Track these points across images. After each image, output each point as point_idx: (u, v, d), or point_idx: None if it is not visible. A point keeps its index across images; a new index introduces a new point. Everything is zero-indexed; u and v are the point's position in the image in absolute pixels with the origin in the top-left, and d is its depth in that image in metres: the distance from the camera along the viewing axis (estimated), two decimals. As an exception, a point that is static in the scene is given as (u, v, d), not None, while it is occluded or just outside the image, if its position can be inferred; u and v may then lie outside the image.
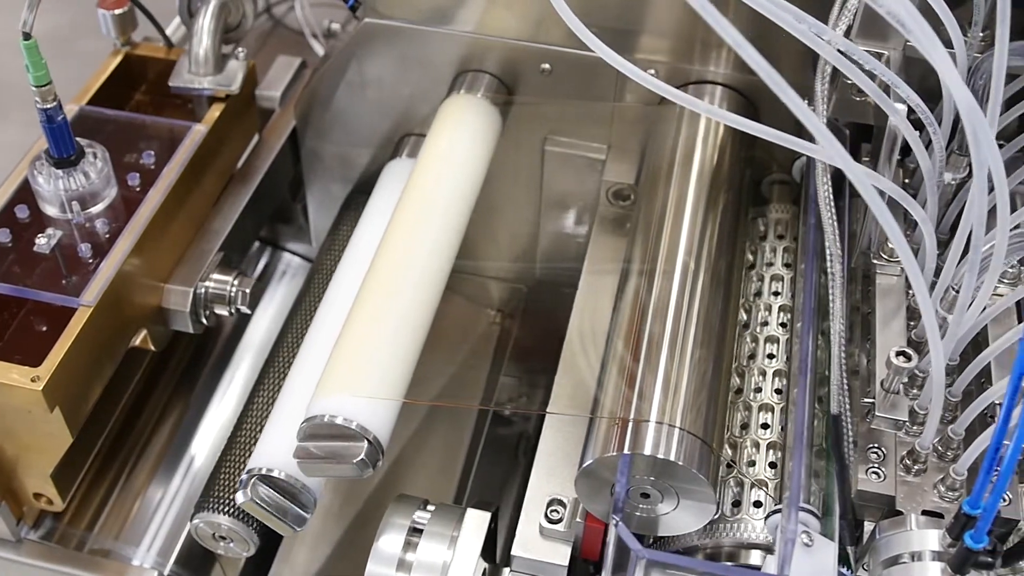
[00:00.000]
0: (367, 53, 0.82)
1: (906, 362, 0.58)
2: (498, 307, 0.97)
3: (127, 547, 0.84)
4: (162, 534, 0.85)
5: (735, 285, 0.70)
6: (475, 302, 0.97)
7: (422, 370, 0.92)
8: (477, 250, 0.95)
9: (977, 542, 0.51)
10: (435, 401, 0.87)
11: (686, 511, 0.61)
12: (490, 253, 0.95)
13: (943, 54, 0.48)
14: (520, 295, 0.97)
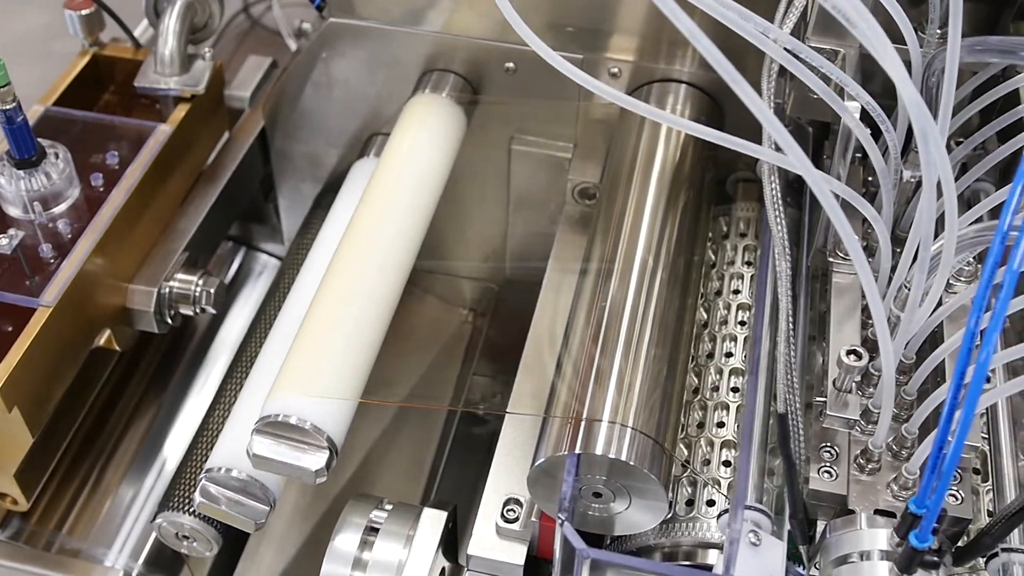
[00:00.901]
0: (332, 53, 0.83)
1: (857, 361, 0.58)
2: (470, 306, 0.97)
3: (97, 547, 0.84)
4: (132, 534, 0.85)
5: (693, 283, 0.70)
6: (447, 301, 0.97)
7: (391, 370, 0.92)
8: (448, 249, 0.95)
9: (922, 541, 0.51)
10: (392, 401, 0.87)
11: (639, 510, 0.61)
12: (461, 252, 0.95)
13: (889, 50, 0.47)
14: (492, 294, 0.97)
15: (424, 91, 0.81)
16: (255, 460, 0.62)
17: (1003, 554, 0.58)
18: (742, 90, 0.44)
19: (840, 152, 0.64)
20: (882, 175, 0.61)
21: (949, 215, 0.54)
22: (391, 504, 0.67)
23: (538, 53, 0.54)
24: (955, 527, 0.59)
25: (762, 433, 0.62)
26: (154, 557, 0.84)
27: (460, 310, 0.97)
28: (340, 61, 0.83)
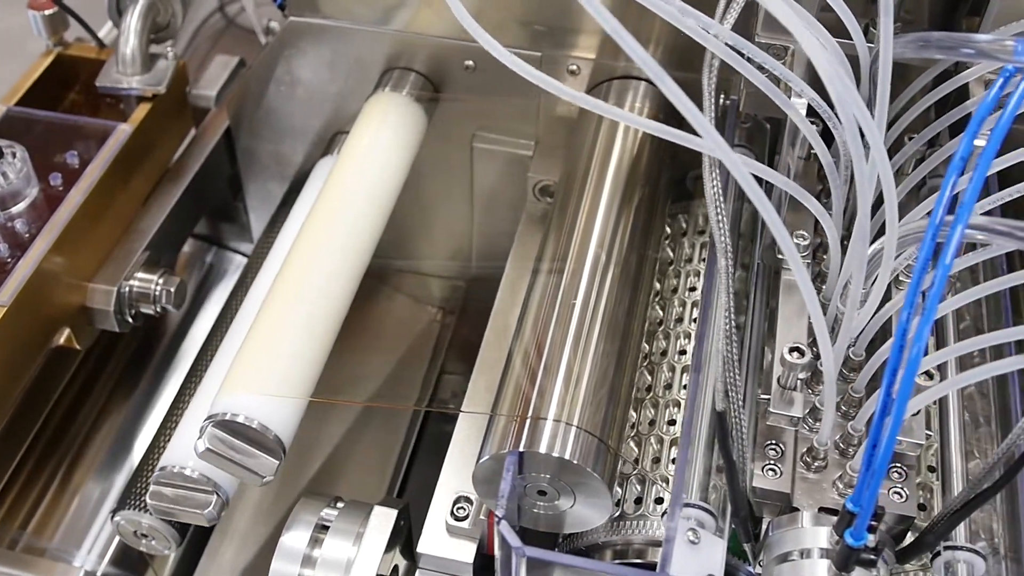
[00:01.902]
0: (294, 51, 0.83)
1: (800, 358, 0.58)
2: (439, 304, 0.97)
3: (63, 546, 0.84)
4: (101, 534, 0.86)
5: (646, 280, 0.70)
6: (416, 299, 0.97)
7: (359, 368, 0.93)
8: (415, 247, 0.95)
9: (857, 540, 0.50)
10: (344, 400, 0.87)
11: (585, 508, 0.61)
12: (428, 250, 0.95)
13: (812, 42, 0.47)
14: (460, 292, 0.97)
15: (384, 89, 0.81)
16: (203, 458, 0.62)
17: (947, 552, 0.58)
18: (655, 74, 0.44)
19: (787, 146, 0.63)
20: (830, 171, 0.60)
21: (889, 211, 0.54)
22: (343, 502, 0.67)
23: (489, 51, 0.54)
24: (900, 525, 0.59)
25: (710, 431, 0.62)
26: (120, 556, 0.84)
27: (429, 308, 0.97)
28: (302, 60, 0.83)
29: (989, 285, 0.54)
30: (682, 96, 0.44)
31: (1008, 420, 0.62)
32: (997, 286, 0.54)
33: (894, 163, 0.68)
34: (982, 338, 0.52)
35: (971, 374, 0.52)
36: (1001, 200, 0.59)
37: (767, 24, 0.66)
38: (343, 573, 0.64)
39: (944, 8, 0.71)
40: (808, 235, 0.65)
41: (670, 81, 0.44)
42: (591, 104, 0.49)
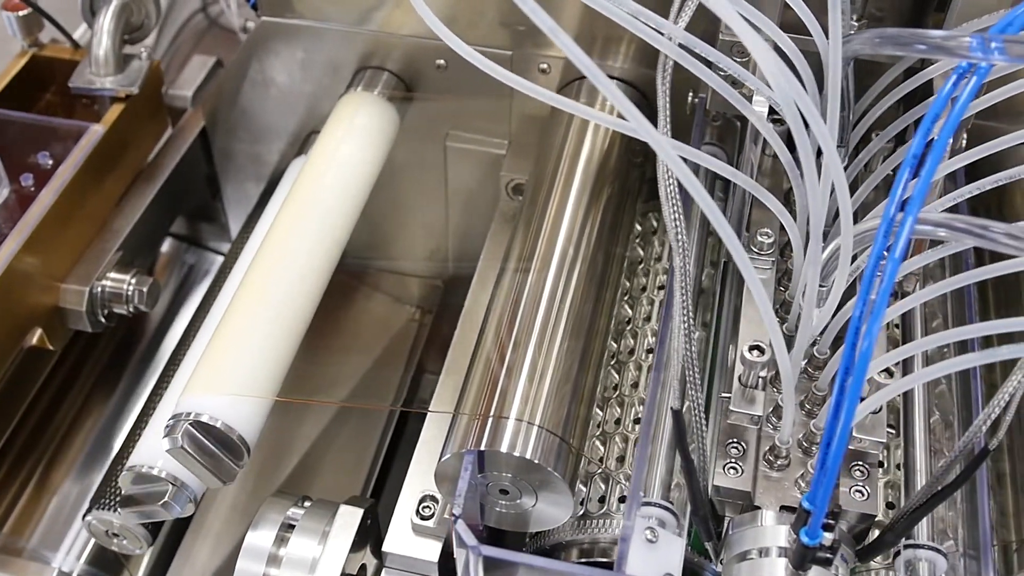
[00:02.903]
0: (266, 51, 0.83)
1: (760, 356, 0.58)
2: (418, 304, 0.97)
3: (40, 546, 0.84)
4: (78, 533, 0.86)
5: (612, 278, 0.70)
6: (395, 298, 0.97)
7: (336, 367, 0.93)
8: (393, 247, 0.95)
9: (812, 538, 0.50)
10: (311, 399, 0.87)
11: (547, 507, 0.61)
12: (405, 250, 0.95)
13: (756, 40, 0.47)
14: (438, 291, 0.97)
15: (356, 89, 0.81)
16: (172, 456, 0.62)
17: (908, 550, 0.57)
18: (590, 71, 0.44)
19: (750, 144, 0.63)
20: (790, 170, 0.60)
21: (843, 211, 0.54)
22: (310, 501, 0.67)
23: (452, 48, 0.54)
24: (863, 524, 0.59)
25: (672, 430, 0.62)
26: (96, 557, 0.84)
27: (408, 307, 0.97)
28: (275, 60, 0.83)
29: (949, 282, 0.54)
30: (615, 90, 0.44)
31: (970, 417, 0.62)
32: (957, 283, 0.53)
33: (860, 159, 0.68)
34: (937, 336, 0.51)
35: (926, 372, 0.52)
36: (962, 197, 0.58)
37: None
38: (308, 572, 0.64)
39: (913, 5, 0.71)
40: (773, 233, 0.65)
41: (604, 77, 0.45)
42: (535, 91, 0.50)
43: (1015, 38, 0.47)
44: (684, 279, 0.54)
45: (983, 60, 0.48)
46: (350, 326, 0.95)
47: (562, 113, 0.77)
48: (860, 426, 0.58)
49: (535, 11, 0.46)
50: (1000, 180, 0.57)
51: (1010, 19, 0.50)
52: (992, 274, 0.51)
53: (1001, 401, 0.52)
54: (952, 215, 0.50)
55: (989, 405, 0.52)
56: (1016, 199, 0.74)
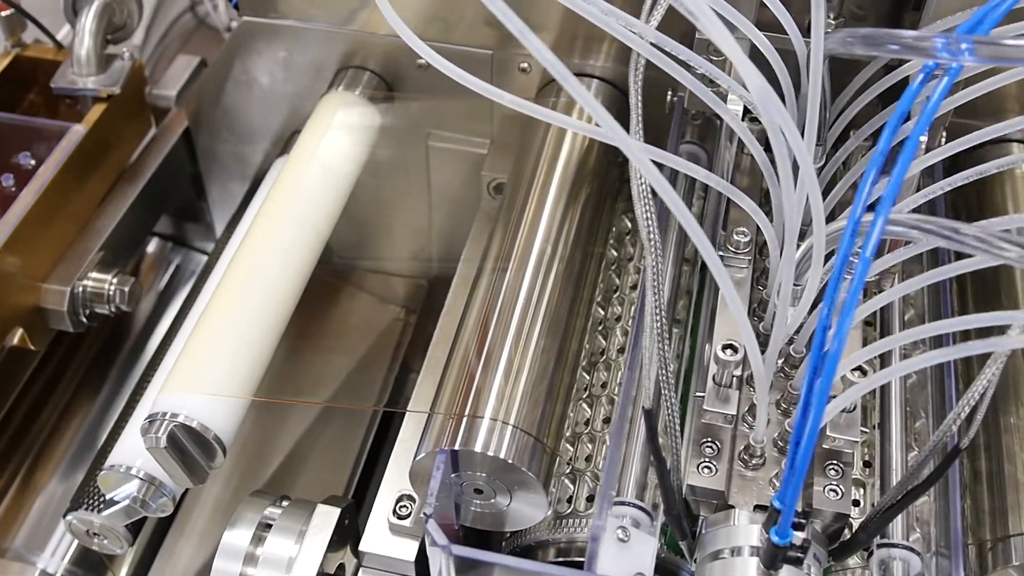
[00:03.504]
0: (248, 51, 0.83)
1: (733, 355, 0.58)
2: (403, 303, 0.97)
3: (25, 546, 0.85)
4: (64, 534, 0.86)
5: (590, 277, 0.70)
6: (380, 298, 0.97)
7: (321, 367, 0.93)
8: (377, 247, 0.95)
9: (782, 537, 0.50)
10: (292, 399, 0.87)
11: (521, 506, 0.61)
12: (389, 250, 0.95)
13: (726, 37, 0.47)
14: (423, 291, 0.97)
15: (337, 89, 0.81)
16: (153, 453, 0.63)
17: (881, 549, 0.57)
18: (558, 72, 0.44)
19: (724, 142, 0.63)
20: (765, 169, 0.60)
21: (815, 211, 0.54)
22: (288, 500, 0.67)
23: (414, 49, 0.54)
24: (838, 523, 0.58)
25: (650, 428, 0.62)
26: (80, 557, 0.85)
27: (392, 307, 0.97)
28: (257, 60, 0.83)
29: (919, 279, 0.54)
30: (583, 91, 0.44)
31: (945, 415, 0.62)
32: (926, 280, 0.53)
33: (837, 157, 0.67)
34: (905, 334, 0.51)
35: (890, 371, 0.52)
36: (933, 194, 0.58)
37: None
38: (285, 571, 0.64)
39: (893, 2, 0.71)
40: (749, 232, 0.65)
41: (572, 79, 0.44)
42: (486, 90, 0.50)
43: (984, 39, 0.47)
44: (656, 279, 0.54)
45: (952, 61, 0.48)
46: (335, 326, 0.95)
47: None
48: (834, 425, 0.58)
49: (504, 12, 0.46)
50: (969, 177, 0.57)
51: (979, 18, 0.49)
52: (959, 271, 0.51)
53: (972, 399, 0.52)
54: (921, 216, 0.50)
55: (959, 403, 0.52)
56: (996, 195, 0.74)
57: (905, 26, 0.69)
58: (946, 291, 0.65)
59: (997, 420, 0.63)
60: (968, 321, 0.49)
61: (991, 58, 0.45)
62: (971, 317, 0.48)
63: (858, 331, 0.63)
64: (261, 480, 0.85)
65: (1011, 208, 0.72)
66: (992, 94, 0.76)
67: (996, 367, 0.52)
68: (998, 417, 0.63)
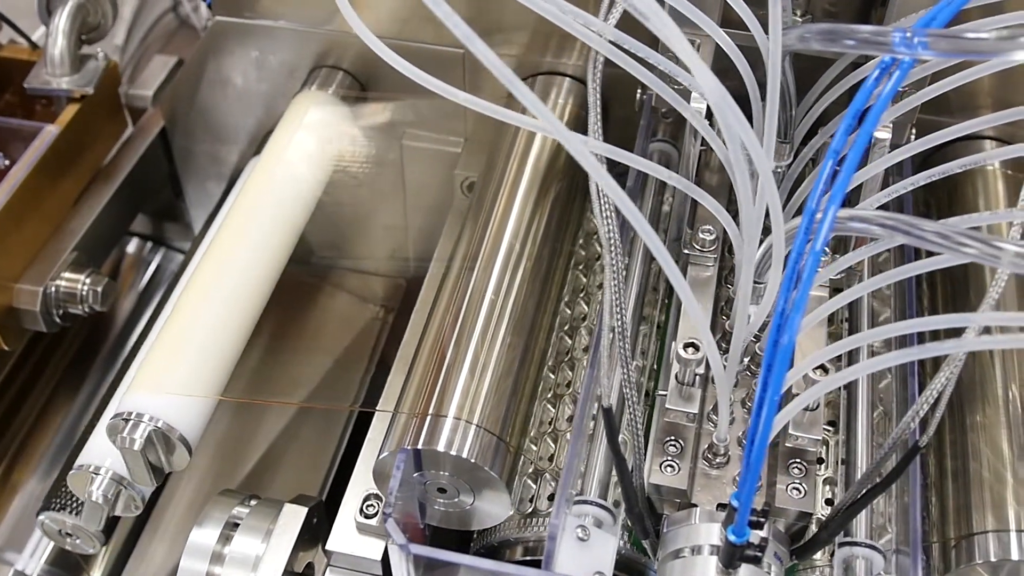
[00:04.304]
0: (221, 51, 0.83)
1: (694, 354, 0.58)
2: (382, 302, 0.97)
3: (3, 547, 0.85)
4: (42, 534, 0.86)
5: (559, 275, 0.70)
6: (359, 297, 0.97)
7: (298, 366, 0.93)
8: (355, 246, 0.95)
9: (739, 536, 0.50)
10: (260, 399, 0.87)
11: (485, 505, 0.61)
12: (367, 249, 0.95)
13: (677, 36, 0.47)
14: (402, 290, 0.96)
15: (310, 88, 0.81)
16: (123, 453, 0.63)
17: (844, 548, 0.57)
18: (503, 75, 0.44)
19: (689, 138, 0.63)
20: (726, 163, 0.60)
21: (773, 211, 0.53)
22: (256, 499, 0.67)
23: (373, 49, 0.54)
24: (801, 521, 0.58)
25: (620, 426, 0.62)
26: (57, 557, 0.85)
27: (371, 306, 0.97)
28: (230, 59, 0.83)
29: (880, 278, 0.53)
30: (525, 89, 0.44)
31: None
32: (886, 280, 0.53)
33: (804, 154, 0.67)
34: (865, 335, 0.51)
35: (852, 370, 0.52)
36: (898, 192, 0.58)
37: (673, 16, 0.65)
38: (251, 570, 0.64)
39: (864, 1, 0.71)
40: (715, 230, 0.65)
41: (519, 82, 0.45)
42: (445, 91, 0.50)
43: (940, 32, 0.47)
44: (615, 277, 0.53)
45: (907, 55, 0.48)
46: (314, 324, 0.95)
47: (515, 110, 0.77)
48: (796, 424, 0.58)
49: (448, 16, 0.46)
50: (932, 176, 0.56)
51: (934, 13, 0.49)
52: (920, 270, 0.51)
53: (929, 398, 0.52)
54: (882, 212, 0.50)
55: (917, 402, 0.52)
56: (967, 193, 0.73)
57: (873, 22, 0.69)
58: (911, 290, 0.65)
59: (964, 418, 0.62)
60: (926, 323, 0.48)
61: (947, 51, 0.45)
62: (929, 319, 0.48)
63: (823, 330, 0.63)
64: (236, 480, 0.85)
65: (982, 205, 0.72)
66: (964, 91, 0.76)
67: (952, 367, 0.52)
68: (965, 415, 0.63)
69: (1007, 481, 0.59)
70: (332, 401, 0.91)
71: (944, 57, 0.54)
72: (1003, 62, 0.57)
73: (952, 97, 0.77)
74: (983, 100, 0.77)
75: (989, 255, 0.44)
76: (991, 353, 0.64)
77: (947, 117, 0.70)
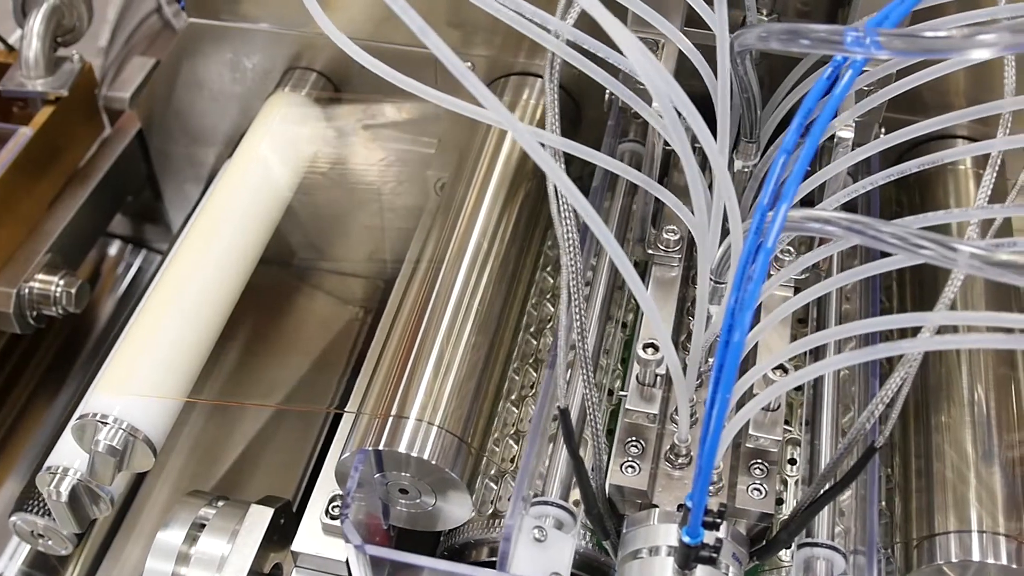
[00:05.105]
0: (195, 52, 0.83)
1: (654, 354, 0.57)
2: (361, 303, 0.97)
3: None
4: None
5: (524, 277, 0.70)
6: (338, 299, 0.97)
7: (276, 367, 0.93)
8: (333, 248, 0.95)
9: (693, 537, 0.50)
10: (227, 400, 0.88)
11: (447, 506, 0.60)
12: (345, 251, 0.95)
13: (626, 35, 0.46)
14: (380, 291, 0.97)
15: (283, 89, 0.81)
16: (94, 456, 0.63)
17: (804, 549, 0.57)
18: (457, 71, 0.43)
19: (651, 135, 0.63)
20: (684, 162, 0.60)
21: (730, 208, 0.53)
22: (224, 501, 0.68)
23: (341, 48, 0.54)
24: (763, 523, 0.58)
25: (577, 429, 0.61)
26: (34, 558, 0.85)
27: (350, 307, 0.97)
28: (205, 61, 0.83)
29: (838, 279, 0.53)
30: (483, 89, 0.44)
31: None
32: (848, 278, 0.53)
33: (768, 155, 0.67)
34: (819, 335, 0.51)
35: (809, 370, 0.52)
36: (857, 192, 0.58)
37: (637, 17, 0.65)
38: (216, 570, 0.64)
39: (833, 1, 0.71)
40: (680, 229, 0.65)
41: (470, 75, 0.44)
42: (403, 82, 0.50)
43: (893, 31, 0.47)
44: (574, 277, 0.53)
45: (860, 54, 0.47)
46: (293, 326, 0.95)
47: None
48: (757, 424, 0.58)
49: (404, 10, 0.46)
50: (891, 175, 0.56)
51: (887, 12, 0.49)
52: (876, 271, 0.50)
53: (884, 398, 0.51)
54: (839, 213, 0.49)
55: (871, 403, 0.52)
56: (938, 192, 0.73)
57: (840, 22, 0.69)
58: (876, 290, 0.65)
59: (929, 419, 0.62)
60: (880, 323, 0.48)
61: (901, 51, 0.45)
62: (883, 319, 0.47)
63: (786, 330, 0.62)
64: (212, 481, 0.85)
65: (952, 205, 0.72)
66: (938, 91, 0.77)
67: (908, 368, 0.52)
68: (930, 416, 0.62)
69: (970, 482, 0.58)
70: (311, 403, 0.91)
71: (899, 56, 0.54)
72: (960, 61, 0.57)
73: (927, 98, 0.77)
74: (957, 100, 0.77)
75: (945, 257, 0.43)
76: (957, 354, 0.64)
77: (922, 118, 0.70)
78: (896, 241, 0.46)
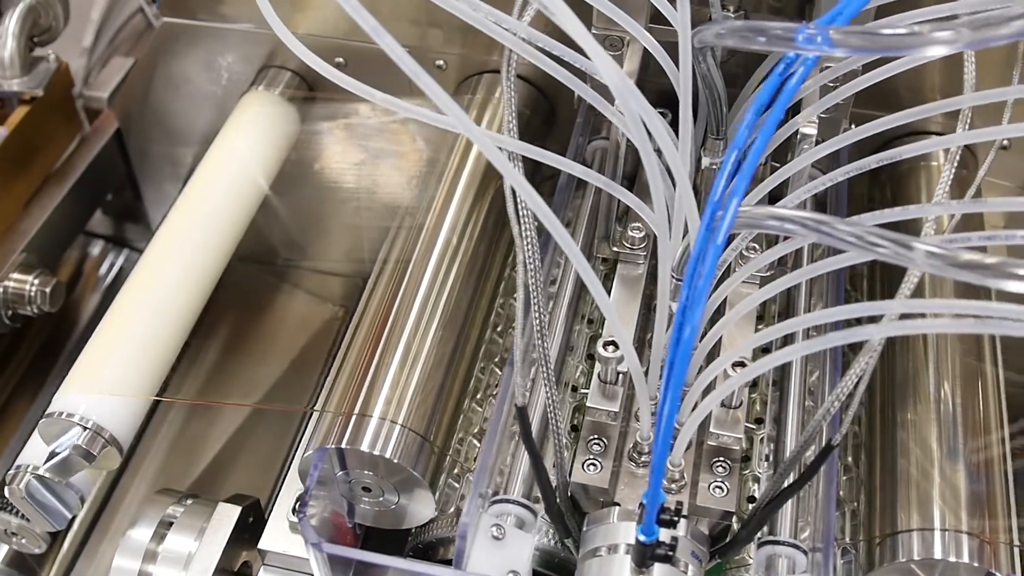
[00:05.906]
0: (170, 52, 0.83)
1: (615, 352, 0.57)
2: (340, 302, 0.97)
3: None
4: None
5: (493, 275, 0.70)
6: (318, 297, 0.98)
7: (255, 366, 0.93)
8: (313, 246, 0.96)
9: (648, 535, 0.50)
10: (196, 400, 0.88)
11: (410, 504, 0.60)
12: (323, 250, 0.95)
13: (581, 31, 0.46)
14: (360, 289, 0.96)
15: (257, 88, 0.81)
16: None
17: (766, 546, 0.57)
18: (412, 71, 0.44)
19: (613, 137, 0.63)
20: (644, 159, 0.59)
21: (688, 206, 0.53)
22: (192, 499, 0.68)
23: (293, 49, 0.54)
24: (725, 520, 0.58)
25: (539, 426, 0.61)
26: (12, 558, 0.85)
27: (330, 305, 0.97)
28: (180, 61, 0.84)
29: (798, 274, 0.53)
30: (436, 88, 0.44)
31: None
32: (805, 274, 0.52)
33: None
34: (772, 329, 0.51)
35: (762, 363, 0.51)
36: (816, 189, 0.58)
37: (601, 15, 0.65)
38: (183, 568, 0.64)
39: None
40: (644, 227, 0.65)
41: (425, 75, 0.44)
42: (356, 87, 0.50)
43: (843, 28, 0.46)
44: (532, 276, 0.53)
45: (812, 52, 0.47)
46: (273, 324, 0.96)
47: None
48: (718, 421, 0.58)
49: (356, 10, 0.46)
50: (849, 172, 0.56)
51: (840, 9, 0.49)
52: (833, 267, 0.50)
53: (843, 391, 0.51)
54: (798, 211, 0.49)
55: (830, 396, 0.51)
56: (910, 188, 0.73)
57: (807, 19, 0.69)
58: (840, 285, 0.65)
59: (895, 416, 0.62)
60: (842, 311, 0.48)
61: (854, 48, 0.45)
62: (836, 309, 0.47)
63: (750, 326, 0.62)
64: (189, 480, 0.85)
65: (924, 202, 0.71)
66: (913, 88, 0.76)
67: (867, 358, 0.51)
68: (896, 412, 0.62)
69: (934, 479, 0.58)
70: (290, 401, 0.91)
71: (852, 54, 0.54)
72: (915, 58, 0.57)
73: (903, 95, 0.77)
74: (933, 96, 0.77)
75: (902, 255, 0.43)
76: (925, 350, 0.64)
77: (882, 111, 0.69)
78: (852, 239, 0.46)
